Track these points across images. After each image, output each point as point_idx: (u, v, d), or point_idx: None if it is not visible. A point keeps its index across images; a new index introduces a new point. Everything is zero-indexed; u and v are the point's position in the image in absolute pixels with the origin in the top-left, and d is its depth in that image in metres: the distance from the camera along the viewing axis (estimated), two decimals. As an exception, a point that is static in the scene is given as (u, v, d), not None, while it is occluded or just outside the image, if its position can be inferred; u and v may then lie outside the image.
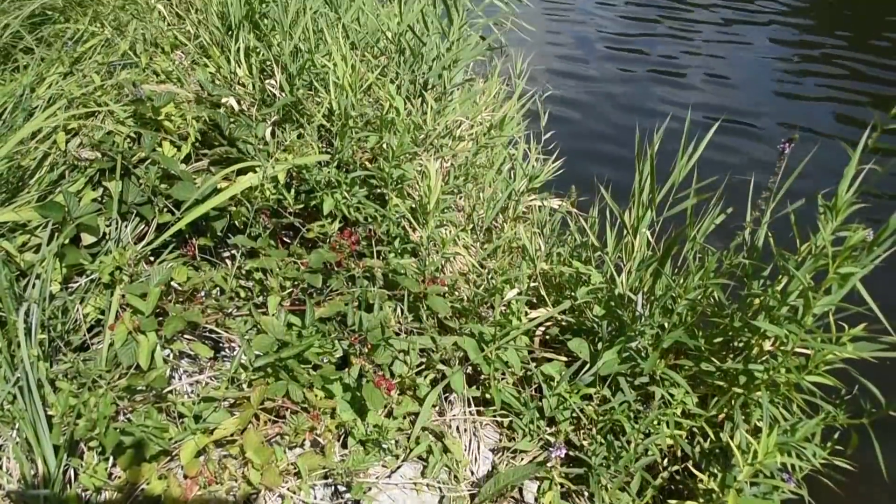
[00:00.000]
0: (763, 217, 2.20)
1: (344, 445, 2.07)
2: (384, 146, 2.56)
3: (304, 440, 2.01)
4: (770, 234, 2.18)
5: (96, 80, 2.59)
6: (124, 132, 2.42)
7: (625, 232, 2.38)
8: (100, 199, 2.25)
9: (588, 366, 2.23)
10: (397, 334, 2.28)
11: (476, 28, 3.22)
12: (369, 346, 2.12)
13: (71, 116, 2.42)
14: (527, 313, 2.43)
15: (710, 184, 2.20)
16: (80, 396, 1.77)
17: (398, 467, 2.10)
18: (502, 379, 2.36)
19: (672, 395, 2.15)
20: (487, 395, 2.31)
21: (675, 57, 6.59)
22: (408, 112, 2.78)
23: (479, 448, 2.27)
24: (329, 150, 2.71)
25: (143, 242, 2.24)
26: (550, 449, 2.00)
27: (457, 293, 2.54)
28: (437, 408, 2.30)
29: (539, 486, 2.16)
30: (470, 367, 2.36)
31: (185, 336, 2.18)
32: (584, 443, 2.24)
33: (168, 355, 2.06)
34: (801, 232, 2.07)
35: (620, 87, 5.98)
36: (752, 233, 2.24)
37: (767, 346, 2.12)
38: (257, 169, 2.37)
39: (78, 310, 2.03)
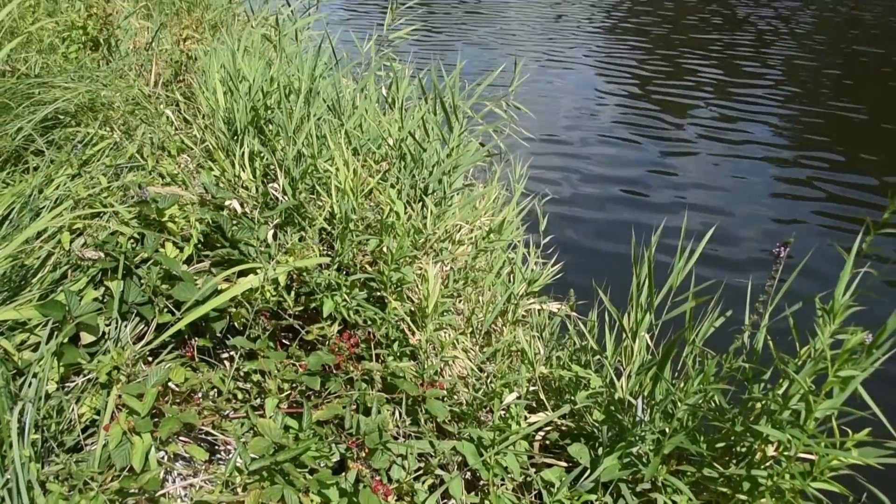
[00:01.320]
0: (762, 320, 2.21)
1: (339, 553, 2.01)
2: (384, 249, 2.59)
3: (299, 548, 1.95)
4: (769, 338, 2.19)
5: (103, 182, 2.64)
6: (128, 233, 2.45)
7: (624, 335, 2.38)
8: (101, 298, 2.26)
9: (589, 471, 2.19)
10: (395, 438, 2.25)
11: (476, 134, 3.31)
12: (367, 450, 2.09)
13: (76, 217, 2.45)
14: (526, 417, 2.40)
15: (708, 287, 2.22)
16: (70, 499, 1.72)
17: (395, 577, 2.03)
18: (502, 485, 2.31)
19: (675, 503, 2.11)
20: (487, 502, 2.26)
21: (671, 155, 6.74)
22: (408, 216, 2.83)
23: (478, 558, 2.20)
24: (330, 252, 2.74)
25: (143, 342, 2.24)
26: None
27: (456, 397, 2.52)
28: (435, 515, 2.25)
29: None
30: (469, 473, 2.32)
31: (181, 438, 2.15)
32: (587, 553, 2.17)
33: (163, 457, 2.02)
34: (800, 335, 2.07)
35: (617, 186, 6.09)
36: (751, 336, 2.25)
37: (771, 451, 2.09)
38: (258, 271, 2.39)
39: (73, 409, 2.00)
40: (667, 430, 2.13)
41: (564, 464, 2.35)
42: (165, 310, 2.29)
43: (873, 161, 6.75)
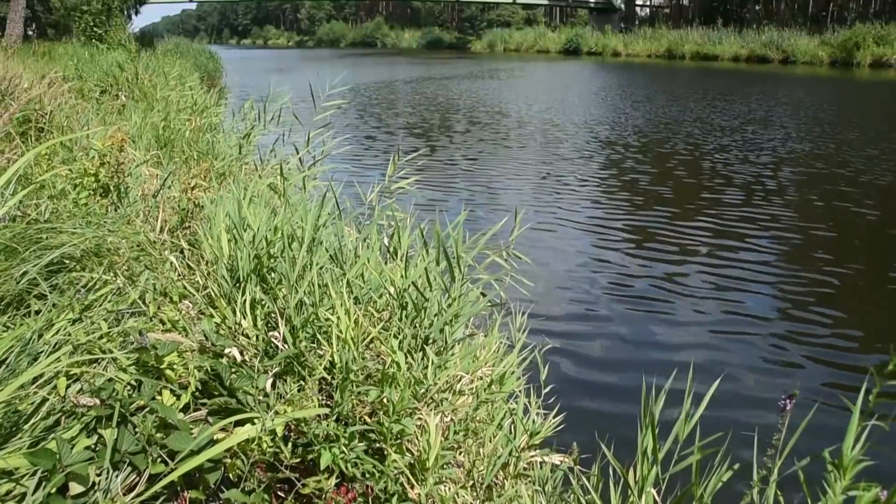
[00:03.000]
0: (770, 475, 2.15)
1: None
2: (384, 400, 2.55)
3: None
4: (779, 493, 2.12)
5: (103, 327, 2.64)
6: (126, 379, 2.42)
7: (629, 491, 2.31)
8: (93, 447, 2.20)
9: None
10: None
11: (478, 284, 3.34)
12: None
13: (74, 363, 2.43)
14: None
15: (715, 440, 2.18)
16: None
17: None
18: None
19: None
20: None
21: (672, 301, 6.77)
22: (408, 366, 2.80)
23: None
24: (329, 403, 2.70)
25: (133, 493, 2.16)
26: None
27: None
28: None
29: None
30: None
31: None
32: None
33: None
34: (811, 491, 2.01)
35: (619, 338, 6.09)
36: (760, 492, 2.18)
37: None
38: (256, 421, 2.34)
39: (56, 567, 1.91)
40: None
41: None
42: (159, 459, 2.23)
43: (875, 314, 6.80)
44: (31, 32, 34.31)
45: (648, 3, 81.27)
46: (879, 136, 16.43)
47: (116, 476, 2.18)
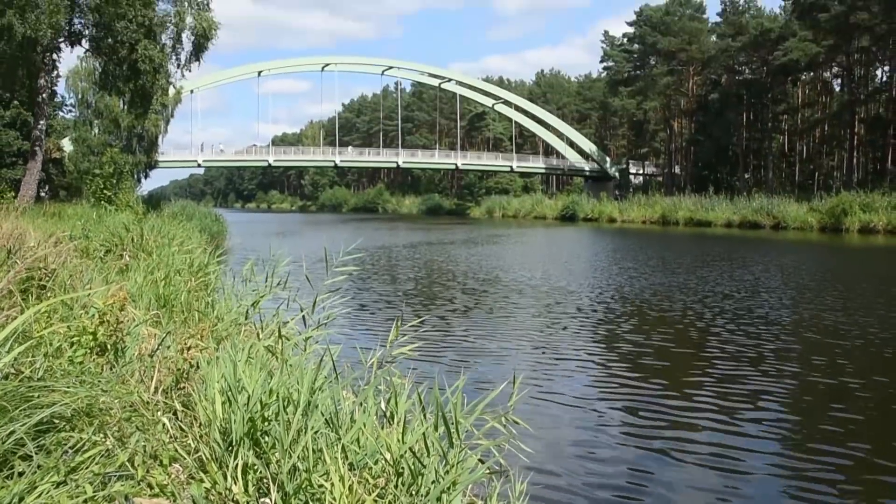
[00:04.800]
0: None
1: None
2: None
3: None
4: None
5: (88, 491, 2.54)
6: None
7: None
8: None
9: None
10: None
11: (476, 450, 3.26)
12: None
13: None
14: None
15: None
16: None
17: None
18: None
19: None
20: None
21: (670, 474, 6.57)
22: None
23: None
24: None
25: None
26: None
27: None
28: None
29: None
30: None
31: None
32: None
33: None
34: None
35: (622, 501, 5.88)
36: None
37: None
38: None
39: None
40: None
41: None
42: None
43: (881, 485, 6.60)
44: (43, 194, 35.46)
45: (641, 171, 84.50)
46: (870, 303, 16.57)
47: None
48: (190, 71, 33.38)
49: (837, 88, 69.19)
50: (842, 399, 9.09)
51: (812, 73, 69.17)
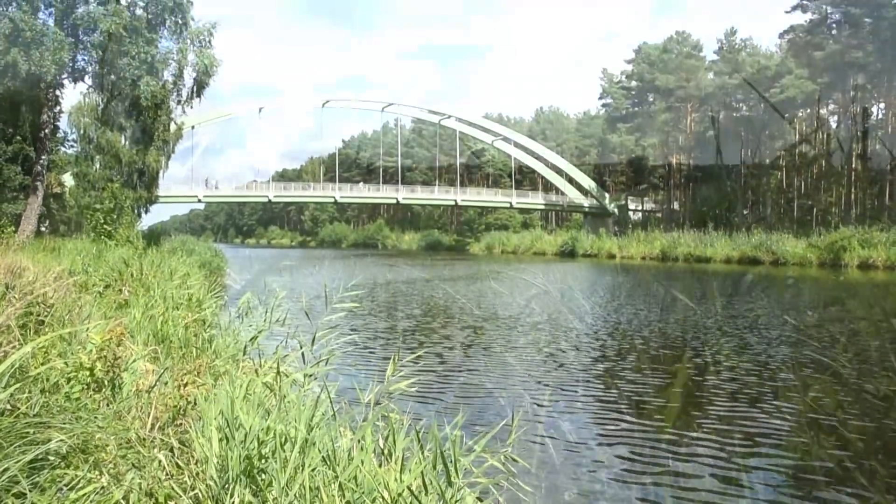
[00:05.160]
0: None
1: None
2: None
3: None
4: None
5: (81, 532, 2.51)
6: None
7: None
8: None
9: None
10: None
11: (475, 489, 3.23)
12: None
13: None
14: None
15: None
16: None
17: None
18: None
19: None
20: None
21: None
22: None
23: None
24: None
25: None
26: None
27: None
28: None
29: None
30: None
31: None
32: None
33: None
34: None
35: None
36: None
37: None
38: None
39: None
40: None
41: None
42: None
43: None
44: (44, 228, 35.49)
45: (640, 207, 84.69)
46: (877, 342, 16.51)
47: None
48: (191, 107, 33.65)
49: (834, 125, 69.76)
50: (842, 438, 9.01)
51: (808, 111, 69.80)
